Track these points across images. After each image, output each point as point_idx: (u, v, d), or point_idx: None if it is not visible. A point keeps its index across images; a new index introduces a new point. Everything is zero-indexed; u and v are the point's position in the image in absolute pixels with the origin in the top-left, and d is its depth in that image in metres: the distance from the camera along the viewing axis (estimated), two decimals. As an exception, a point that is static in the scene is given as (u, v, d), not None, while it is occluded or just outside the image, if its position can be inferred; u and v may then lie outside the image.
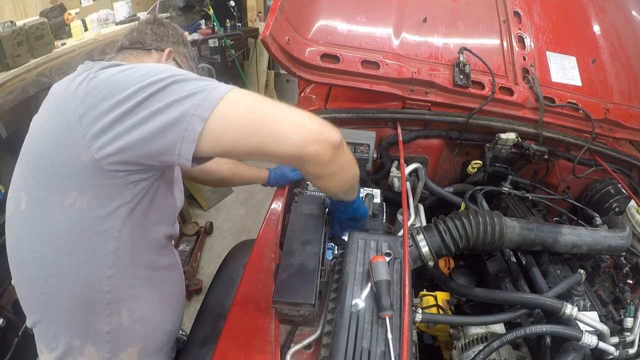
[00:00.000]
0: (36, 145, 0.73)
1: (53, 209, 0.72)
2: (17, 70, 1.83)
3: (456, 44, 1.52)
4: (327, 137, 0.68)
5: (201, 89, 0.65)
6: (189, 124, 0.64)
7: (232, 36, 3.78)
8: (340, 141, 0.71)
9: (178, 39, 1.06)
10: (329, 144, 0.69)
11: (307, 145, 0.66)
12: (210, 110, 0.64)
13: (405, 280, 0.87)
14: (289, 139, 0.66)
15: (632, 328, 0.91)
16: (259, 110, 0.67)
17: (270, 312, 0.91)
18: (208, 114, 0.64)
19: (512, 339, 0.85)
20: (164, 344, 0.95)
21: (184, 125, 0.64)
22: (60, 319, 0.80)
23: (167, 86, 0.65)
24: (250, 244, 1.14)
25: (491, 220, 0.98)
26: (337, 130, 0.71)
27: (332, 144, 0.69)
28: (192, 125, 0.64)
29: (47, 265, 0.76)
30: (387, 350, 0.75)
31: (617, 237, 1.05)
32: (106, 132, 0.66)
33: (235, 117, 0.66)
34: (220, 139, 0.66)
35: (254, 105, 0.67)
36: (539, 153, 1.46)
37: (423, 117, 1.48)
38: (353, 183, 0.89)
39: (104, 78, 0.68)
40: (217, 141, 0.66)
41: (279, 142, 0.66)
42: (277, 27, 1.20)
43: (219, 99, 0.65)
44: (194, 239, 2.72)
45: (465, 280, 1.19)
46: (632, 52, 1.70)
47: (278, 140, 0.66)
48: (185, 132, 0.64)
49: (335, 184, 0.82)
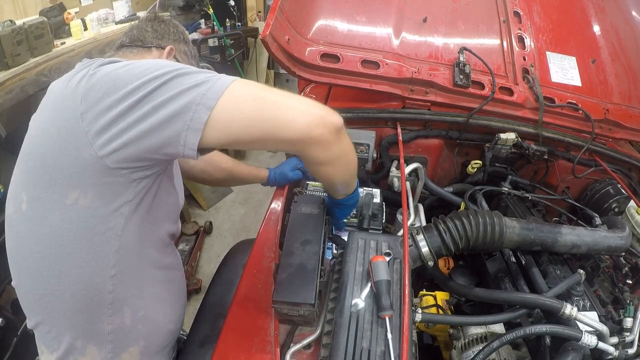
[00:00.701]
0: (36, 145, 0.73)
1: (55, 208, 0.72)
2: (16, 69, 1.83)
3: (456, 43, 1.52)
4: (331, 120, 0.72)
5: (205, 80, 0.66)
6: (195, 112, 0.64)
7: (231, 36, 3.78)
8: (342, 124, 0.74)
9: (179, 36, 1.05)
10: (333, 126, 0.72)
11: (313, 128, 0.69)
12: (215, 99, 0.64)
13: (405, 280, 0.87)
14: (296, 123, 0.68)
15: (631, 328, 0.91)
16: (264, 98, 0.68)
17: (270, 312, 0.91)
18: (213, 104, 0.64)
19: (512, 339, 0.85)
20: (166, 344, 0.95)
21: (189, 115, 0.64)
22: (62, 320, 0.79)
23: (170, 80, 0.66)
24: (249, 243, 1.14)
25: (491, 220, 0.98)
26: (338, 114, 0.74)
27: (336, 127, 0.72)
28: (198, 114, 0.64)
29: (48, 266, 0.75)
30: (387, 350, 0.75)
31: (617, 238, 1.06)
32: (109, 128, 0.66)
33: (241, 106, 0.67)
34: (226, 128, 0.67)
35: (258, 94, 0.68)
36: (538, 153, 1.46)
37: (423, 117, 1.48)
38: (354, 170, 0.91)
39: (104, 74, 0.68)
40: (224, 130, 0.67)
41: (286, 127, 0.68)
42: (277, 27, 1.19)
43: (224, 89, 0.65)
44: (194, 239, 2.72)
45: (464, 280, 1.19)
46: (632, 52, 1.70)
47: (285, 125, 0.68)
48: (191, 122, 0.64)
49: (338, 169, 0.83)
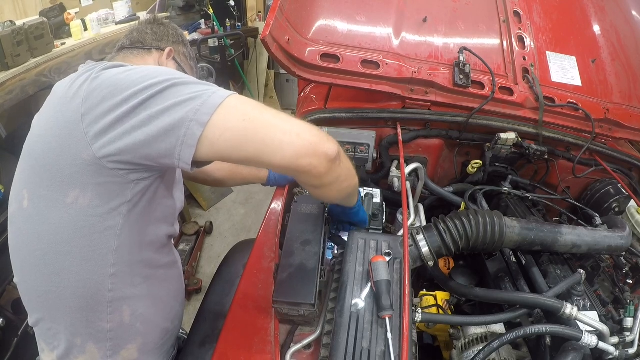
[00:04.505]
0: (38, 144, 0.74)
1: (55, 206, 0.73)
2: (16, 70, 1.83)
3: (456, 43, 1.52)
4: (322, 150, 0.67)
5: (200, 93, 0.65)
6: (188, 129, 0.64)
7: (232, 36, 3.79)
8: (337, 154, 0.69)
9: (178, 38, 1.08)
10: (325, 157, 0.67)
11: (301, 157, 0.66)
12: (208, 115, 0.64)
13: (405, 280, 0.87)
14: (283, 149, 0.65)
15: (631, 328, 0.91)
16: (256, 118, 0.66)
17: (270, 312, 0.91)
18: (207, 119, 0.63)
19: (512, 339, 0.85)
20: (163, 342, 0.96)
21: (182, 131, 0.64)
22: (62, 317, 0.80)
23: (166, 89, 0.66)
24: (250, 243, 1.14)
25: (491, 220, 0.98)
26: (335, 142, 0.70)
27: (328, 157, 0.68)
28: (191, 131, 0.64)
29: (49, 264, 0.76)
30: (387, 350, 0.75)
31: (617, 237, 1.05)
32: (107, 132, 0.67)
33: (231, 125, 0.65)
34: (215, 145, 0.66)
35: (251, 113, 0.66)
36: (539, 153, 1.46)
37: (423, 117, 1.48)
38: (351, 192, 0.88)
39: (106, 78, 0.69)
40: (213, 147, 0.66)
41: (273, 152, 0.65)
42: (277, 27, 1.19)
43: (217, 105, 0.64)
44: (194, 239, 2.72)
45: (465, 280, 1.19)
46: (632, 52, 1.70)
47: (272, 150, 0.65)
48: (184, 137, 0.64)
49: (331, 193, 0.80)
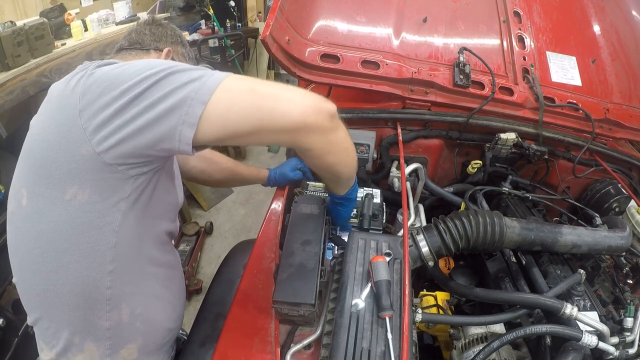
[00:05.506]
0: (37, 142, 0.74)
1: (54, 204, 0.73)
2: (17, 70, 1.83)
3: (456, 44, 1.52)
4: (325, 106, 0.73)
5: (199, 76, 0.67)
6: (190, 107, 0.65)
7: (232, 36, 3.78)
8: (335, 110, 0.76)
9: (176, 39, 1.08)
10: (327, 112, 0.73)
11: (308, 115, 0.70)
12: (209, 94, 0.65)
13: (405, 280, 0.87)
14: (291, 112, 0.69)
15: (632, 328, 0.91)
16: (259, 90, 0.69)
17: (270, 312, 0.91)
18: (208, 98, 0.65)
19: (512, 339, 0.85)
20: (164, 342, 0.95)
21: (184, 109, 0.65)
22: (60, 316, 0.80)
23: (165, 77, 0.67)
24: (250, 244, 1.14)
25: (491, 220, 0.98)
26: (331, 101, 0.75)
27: (330, 113, 0.74)
28: (193, 109, 0.65)
29: (47, 261, 0.76)
30: (387, 350, 0.75)
31: (617, 237, 1.05)
32: (106, 125, 0.67)
33: (235, 100, 0.68)
34: (222, 121, 0.68)
35: (252, 87, 0.69)
36: (539, 153, 1.46)
37: (423, 117, 1.48)
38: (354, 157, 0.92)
39: (102, 74, 0.70)
40: (219, 124, 0.68)
41: (282, 116, 0.69)
42: (277, 27, 1.20)
43: (218, 84, 0.66)
44: (194, 239, 2.72)
45: (465, 280, 1.19)
46: (632, 52, 1.70)
47: (280, 115, 0.69)
48: (186, 116, 0.65)
49: (339, 156, 0.84)
